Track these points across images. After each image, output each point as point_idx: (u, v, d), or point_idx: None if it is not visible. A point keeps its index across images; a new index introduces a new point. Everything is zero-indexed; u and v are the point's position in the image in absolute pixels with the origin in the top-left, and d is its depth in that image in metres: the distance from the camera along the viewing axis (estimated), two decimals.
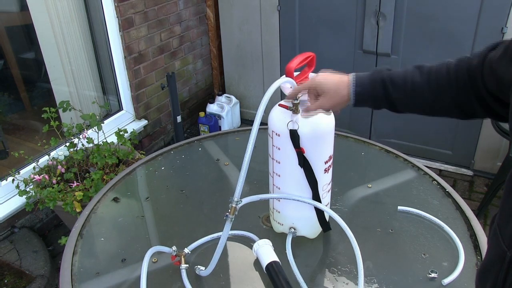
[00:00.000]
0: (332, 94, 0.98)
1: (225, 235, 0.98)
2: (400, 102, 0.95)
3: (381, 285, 1.07)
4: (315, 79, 1.00)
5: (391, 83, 0.94)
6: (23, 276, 2.11)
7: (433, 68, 0.93)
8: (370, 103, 0.99)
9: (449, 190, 1.39)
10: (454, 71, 0.90)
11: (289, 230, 1.18)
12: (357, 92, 0.96)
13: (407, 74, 0.94)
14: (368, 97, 0.97)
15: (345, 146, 1.67)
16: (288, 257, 1.11)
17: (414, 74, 0.93)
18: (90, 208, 1.36)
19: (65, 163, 2.28)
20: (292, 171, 1.09)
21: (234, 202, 0.96)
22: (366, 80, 0.97)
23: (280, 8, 3.12)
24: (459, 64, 0.90)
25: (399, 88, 0.94)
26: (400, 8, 2.69)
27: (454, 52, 2.68)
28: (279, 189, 1.15)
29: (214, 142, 1.75)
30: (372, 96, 0.96)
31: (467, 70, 0.87)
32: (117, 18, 2.74)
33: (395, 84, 0.94)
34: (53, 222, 2.57)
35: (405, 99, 0.94)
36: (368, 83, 0.96)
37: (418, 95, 0.93)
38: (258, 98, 3.61)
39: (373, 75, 0.97)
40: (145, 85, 3.07)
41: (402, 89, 0.93)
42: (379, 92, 0.95)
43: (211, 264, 1.04)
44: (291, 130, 1.02)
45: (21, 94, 2.91)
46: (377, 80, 0.95)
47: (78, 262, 1.16)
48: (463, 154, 2.94)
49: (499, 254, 0.68)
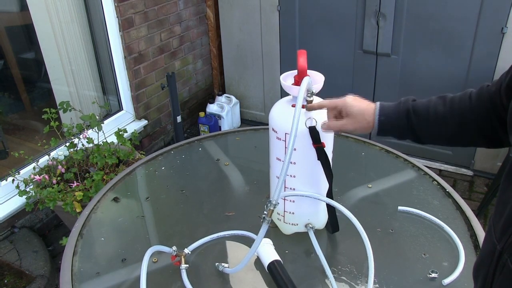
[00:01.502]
0: (359, 119, 0.99)
1: (261, 236, 0.94)
2: (424, 133, 0.95)
3: (381, 285, 1.07)
4: (346, 100, 1.01)
5: (414, 113, 0.94)
6: (23, 276, 2.11)
7: (456, 97, 0.93)
8: (394, 133, 0.99)
9: (449, 190, 1.38)
10: (476, 98, 0.90)
11: (307, 228, 1.18)
12: (381, 121, 0.97)
13: (430, 104, 0.94)
14: (391, 127, 0.97)
15: (345, 146, 1.67)
16: (317, 251, 1.10)
17: (437, 104, 0.93)
18: (90, 208, 1.36)
19: (65, 163, 2.28)
20: (308, 170, 1.10)
21: (272, 205, 0.92)
22: (391, 110, 0.97)
23: (280, 8, 3.12)
24: (481, 91, 0.90)
25: (422, 118, 0.93)
26: (400, 8, 2.69)
27: (454, 52, 2.68)
28: (294, 190, 1.14)
29: (214, 142, 1.75)
30: (395, 126, 0.97)
31: (488, 95, 0.88)
32: (117, 18, 2.74)
33: (418, 114, 0.94)
34: (53, 222, 2.57)
35: (429, 129, 0.94)
36: (392, 113, 0.97)
37: (442, 125, 0.92)
38: (258, 98, 3.61)
39: (398, 105, 0.97)
40: (145, 85, 3.07)
41: (425, 119, 0.93)
42: (403, 122, 0.95)
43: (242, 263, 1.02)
44: (310, 127, 1.03)
45: (21, 94, 2.91)
46: (401, 110, 0.96)
47: (78, 262, 1.16)
48: (463, 154, 2.94)
49: (491, 248, 0.71)
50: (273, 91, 3.47)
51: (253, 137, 1.79)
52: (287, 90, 1.07)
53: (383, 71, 2.95)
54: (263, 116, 3.65)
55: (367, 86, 3.04)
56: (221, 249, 1.21)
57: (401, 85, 2.92)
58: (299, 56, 1.03)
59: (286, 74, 1.11)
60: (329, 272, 1.07)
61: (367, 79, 3.02)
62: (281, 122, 1.08)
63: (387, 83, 2.97)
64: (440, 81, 2.76)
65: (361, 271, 1.11)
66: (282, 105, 1.11)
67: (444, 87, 2.71)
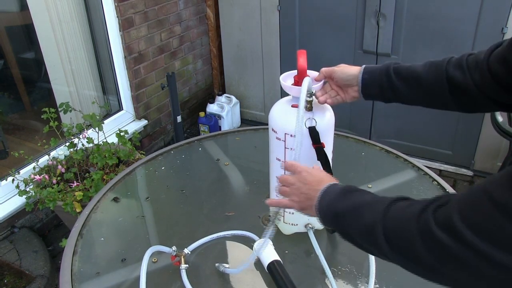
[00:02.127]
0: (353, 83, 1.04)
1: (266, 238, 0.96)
2: (402, 91, 0.99)
3: (381, 285, 1.07)
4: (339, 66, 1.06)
5: (394, 71, 0.98)
6: (23, 276, 2.11)
7: (437, 60, 0.97)
8: (376, 92, 1.02)
9: (449, 190, 1.38)
10: (454, 61, 0.94)
11: (307, 228, 1.18)
12: (364, 79, 1.01)
13: (411, 65, 0.99)
14: (373, 85, 1.01)
15: (345, 146, 1.67)
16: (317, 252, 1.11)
17: (418, 65, 0.98)
18: (90, 208, 1.36)
19: (65, 163, 2.27)
20: None
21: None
22: (374, 68, 1.02)
23: (280, 8, 3.12)
24: (462, 56, 0.94)
25: (401, 76, 0.98)
26: (400, 8, 2.69)
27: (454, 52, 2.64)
28: None
29: (214, 142, 1.75)
30: (376, 84, 1.01)
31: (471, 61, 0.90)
32: (117, 18, 2.74)
33: (398, 73, 0.98)
34: (53, 222, 2.57)
35: (406, 87, 0.98)
36: (374, 71, 1.01)
37: (417, 83, 0.97)
38: (258, 98, 3.61)
39: (381, 66, 1.01)
40: (145, 85, 3.07)
41: (404, 78, 0.98)
42: (383, 80, 0.99)
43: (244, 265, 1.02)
44: (310, 127, 1.03)
45: (21, 94, 2.91)
46: (382, 69, 1.00)
47: (78, 262, 1.16)
48: (463, 154, 2.94)
49: None
50: (273, 91, 3.47)
51: (253, 137, 1.79)
52: (286, 90, 1.07)
53: None
54: (263, 116, 3.65)
55: None
56: (221, 249, 1.21)
57: None
58: (299, 56, 1.03)
59: (286, 74, 1.11)
60: (329, 272, 1.07)
61: None
62: (280, 122, 1.08)
63: None
64: None
65: (361, 271, 1.11)
66: (281, 105, 1.11)
67: None
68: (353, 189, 0.81)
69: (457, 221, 0.60)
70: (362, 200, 0.78)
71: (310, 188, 0.87)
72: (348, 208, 0.78)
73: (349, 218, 0.77)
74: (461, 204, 0.62)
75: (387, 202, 0.73)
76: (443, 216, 0.63)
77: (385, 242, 0.69)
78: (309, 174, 0.89)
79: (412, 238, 0.65)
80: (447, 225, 0.61)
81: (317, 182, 0.87)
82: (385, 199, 0.74)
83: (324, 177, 0.88)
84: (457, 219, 0.60)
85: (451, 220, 0.61)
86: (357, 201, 0.78)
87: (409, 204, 0.70)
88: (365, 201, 0.77)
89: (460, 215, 0.60)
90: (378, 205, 0.73)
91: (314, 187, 0.86)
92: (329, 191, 0.83)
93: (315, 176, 0.89)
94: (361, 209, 0.76)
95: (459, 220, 0.60)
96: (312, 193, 0.85)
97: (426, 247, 0.64)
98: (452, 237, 0.60)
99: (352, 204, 0.78)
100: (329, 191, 0.83)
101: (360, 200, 0.78)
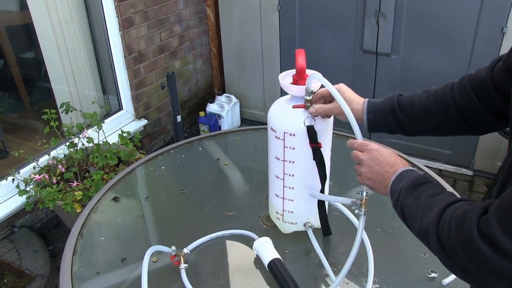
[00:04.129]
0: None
1: (360, 232, 0.95)
2: (411, 126, 0.99)
3: (381, 285, 1.07)
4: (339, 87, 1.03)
5: (400, 109, 0.98)
6: (23, 276, 2.11)
7: (439, 89, 0.96)
8: (383, 129, 1.02)
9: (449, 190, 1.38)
10: (457, 88, 0.93)
11: (306, 226, 1.19)
12: (370, 119, 1.01)
13: (414, 98, 0.98)
14: (380, 124, 1.01)
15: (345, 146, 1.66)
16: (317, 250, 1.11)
17: (422, 97, 0.97)
18: (90, 207, 1.36)
19: (65, 162, 2.27)
20: (307, 169, 1.10)
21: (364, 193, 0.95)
22: (377, 107, 1.01)
23: (280, 8, 3.12)
24: (462, 81, 0.93)
25: (408, 112, 0.97)
26: (400, 8, 2.69)
27: (454, 52, 2.68)
28: (293, 189, 1.14)
29: (214, 142, 1.75)
30: (383, 123, 1.01)
31: (473, 83, 0.90)
32: (117, 18, 2.74)
33: (404, 109, 0.97)
34: (53, 222, 2.57)
35: (415, 122, 0.98)
36: (379, 111, 1.00)
37: (427, 117, 0.96)
38: (258, 97, 3.61)
39: (384, 102, 1.00)
40: (145, 85, 3.07)
41: (410, 113, 0.97)
42: (389, 118, 0.99)
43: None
44: (308, 126, 1.04)
45: (21, 93, 2.90)
46: (387, 108, 0.99)
47: (78, 262, 1.16)
48: (463, 154, 2.94)
49: None
50: (273, 91, 3.47)
51: (253, 137, 1.79)
52: (285, 89, 1.07)
53: (383, 71, 2.95)
54: (263, 115, 3.65)
55: (367, 86, 3.04)
56: (221, 249, 1.21)
57: (401, 85, 2.92)
58: (298, 55, 1.03)
59: (285, 73, 1.11)
60: (330, 271, 1.07)
61: (367, 79, 3.02)
62: (279, 121, 1.08)
63: (387, 83, 2.97)
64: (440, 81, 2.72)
65: (361, 271, 1.11)
66: (280, 105, 1.11)
67: None
68: (421, 182, 0.82)
69: (496, 230, 0.60)
70: (424, 199, 0.79)
71: (382, 168, 0.89)
72: (413, 206, 0.80)
73: (410, 216, 0.80)
74: (499, 211, 0.62)
75: (443, 205, 0.73)
76: (484, 224, 0.63)
77: (438, 247, 0.71)
78: (380, 154, 0.90)
79: (457, 247, 0.67)
80: (487, 234, 0.62)
81: (390, 164, 0.88)
82: (443, 201, 0.75)
83: (397, 159, 0.90)
84: (495, 228, 0.60)
85: (490, 229, 0.61)
86: (420, 199, 0.79)
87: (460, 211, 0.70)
88: (426, 202, 0.78)
89: (499, 222, 0.61)
90: (435, 208, 0.74)
91: (386, 168, 0.88)
92: (403, 177, 0.85)
93: (385, 156, 0.90)
94: (421, 210, 0.77)
95: (496, 226, 0.60)
96: (386, 174, 0.88)
97: (469, 258, 0.65)
98: (492, 248, 0.61)
99: (416, 202, 0.80)
100: (402, 177, 0.85)
101: (422, 199, 0.79)
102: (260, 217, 1.31)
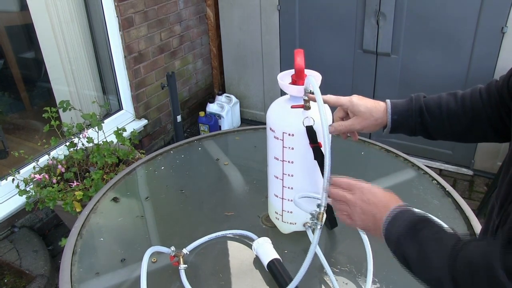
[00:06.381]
0: (367, 117, 0.99)
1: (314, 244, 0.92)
2: (436, 130, 0.97)
3: (381, 285, 1.07)
4: (352, 100, 1.00)
5: (428, 111, 0.95)
6: (23, 276, 2.11)
7: (467, 93, 0.94)
8: (406, 130, 1.00)
9: (449, 189, 1.38)
10: (486, 93, 0.91)
11: (306, 227, 1.18)
12: (394, 120, 0.98)
13: (442, 101, 0.95)
14: (404, 125, 0.98)
15: (345, 146, 1.66)
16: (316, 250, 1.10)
17: (449, 101, 0.94)
18: (90, 207, 1.36)
19: (65, 162, 2.28)
20: (307, 169, 1.09)
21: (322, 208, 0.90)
22: (403, 108, 0.97)
23: (280, 8, 3.12)
24: (489, 86, 0.92)
25: (435, 116, 0.95)
26: (400, 8, 2.69)
27: (454, 52, 2.68)
28: (292, 189, 1.14)
29: (214, 142, 1.75)
30: (409, 124, 0.98)
31: (496, 90, 0.90)
32: (117, 18, 2.74)
33: (431, 112, 0.95)
34: (53, 222, 2.57)
35: (442, 126, 0.95)
36: (405, 111, 0.97)
37: (454, 122, 0.94)
38: (258, 97, 3.61)
39: (410, 103, 0.97)
40: (145, 85, 3.07)
41: (438, 117, 0.95)
42: (416, 120, 0.96)
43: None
44: (308, 126, 1.03)
45: (21, 93, 2.91)
46: (414, 109, 0.96)
47: (77, 262, 1.16)
48: (463, 153, 2.94)
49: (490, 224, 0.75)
50: (273, 91, 3.47)
51: (253, 137, 1.78)
52: (284, 89, 1.07)
53: (383, 71, 2.95)
54: (263, 115, 3.64)
55: (367, 86, 3.04)
56: (221, 249, 1.21)
57: (401, 84, 2.92)
58: (296, 55, 1.03)
59: (284, 73, 1.11)
60: (329, 271, 1.07)
61: (367, 79, 3.02)
62: (278, 121, 1.08)
63: (387, 83, 2.97)
64: (440, 80, 2.75)
65: (361, 271, 1.11)
66: (279, 104, 1.11)
67: (444, 86, 2.69)
68: (420, 225, 0.77)
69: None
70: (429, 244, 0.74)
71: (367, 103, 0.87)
72: (417, 253, 0.75)
73: (416, 265, 0.75)
74: None
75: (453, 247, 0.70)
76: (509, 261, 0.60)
77: None
78: (372, 195, 0.86)
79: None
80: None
81: (383, 204, 0.83)
82: (451, 239, 0.71)
83: (389, 198, 0.85)
84: None
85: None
86: (424, 245, 0.74)
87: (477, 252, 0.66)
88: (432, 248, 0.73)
89: None
90: (444, 251, 0.70)
91: (380, 209, 0.82)
92: (398, 218, 0.79)
93: (378, 196, 0.85)
94: (428, 256, 0.73)
95: None
96: (378, 215, 0.82)
97: None
98: None
99: (419, 249, 0.74)
100: (397, 218, 0.79)
101: (427, 244, 0.74)
102: (260, 217, 1.31)
